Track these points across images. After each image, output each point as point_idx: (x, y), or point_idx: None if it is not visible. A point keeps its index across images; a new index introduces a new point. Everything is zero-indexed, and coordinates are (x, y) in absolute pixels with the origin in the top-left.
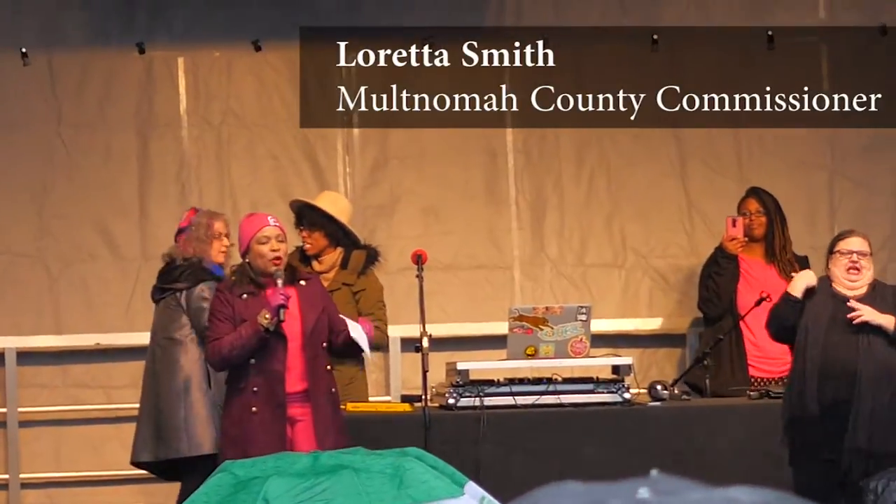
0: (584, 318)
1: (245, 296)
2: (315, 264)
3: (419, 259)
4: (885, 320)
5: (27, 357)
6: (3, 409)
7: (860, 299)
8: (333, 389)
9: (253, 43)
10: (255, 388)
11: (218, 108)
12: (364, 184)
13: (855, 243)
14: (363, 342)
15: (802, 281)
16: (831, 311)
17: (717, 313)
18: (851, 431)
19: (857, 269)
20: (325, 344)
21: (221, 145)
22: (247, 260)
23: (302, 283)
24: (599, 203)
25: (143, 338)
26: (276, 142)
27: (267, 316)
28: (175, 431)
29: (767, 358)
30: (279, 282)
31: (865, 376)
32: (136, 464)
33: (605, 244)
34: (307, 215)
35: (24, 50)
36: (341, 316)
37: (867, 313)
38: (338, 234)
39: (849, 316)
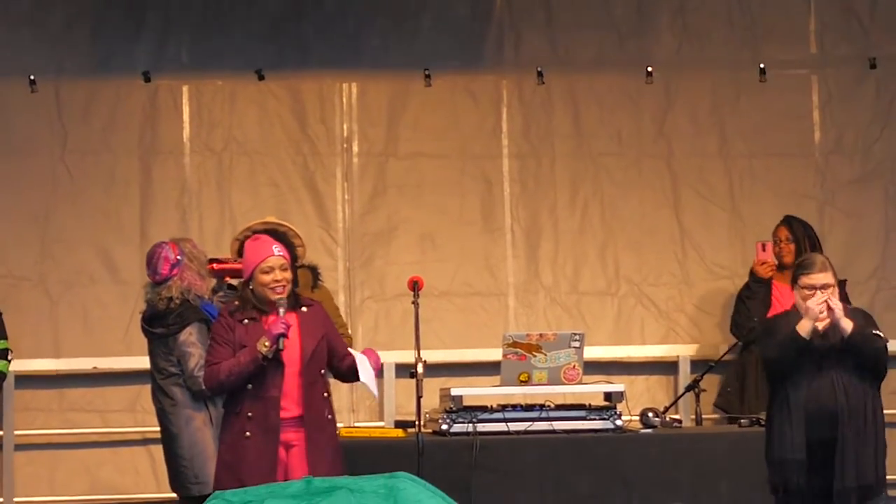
0: (577, 345)
1: (246, 321)
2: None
3: (415, 285)
4: (846, 323)
5: (25, 380)
6: (0, 433)
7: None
8: (330, 416)
9: (256, 72)
10: (249, 414)
11: (220, 135)
12: (362, 211)
13: (818, 279)
14: (371, 383)
15: (809, 320)
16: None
17: (747, 338)
18: (839, 472)
19: (829, 307)
20: (322, 371)
21: (223, 172)
22: (250, 287)
23: (304, 309)
24: (593, 232)
25: (140, 362)
26: (276, 169)
27: (266, 344)
28: (182, 472)
29: None
30: (281, 310)
31: (847, 416)
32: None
33: (598, 272)
34: (278, 237)
35: (31, 77)
36: (351, 350)
37: (836, 310)
38: (292, 254)
39: (817, 305)
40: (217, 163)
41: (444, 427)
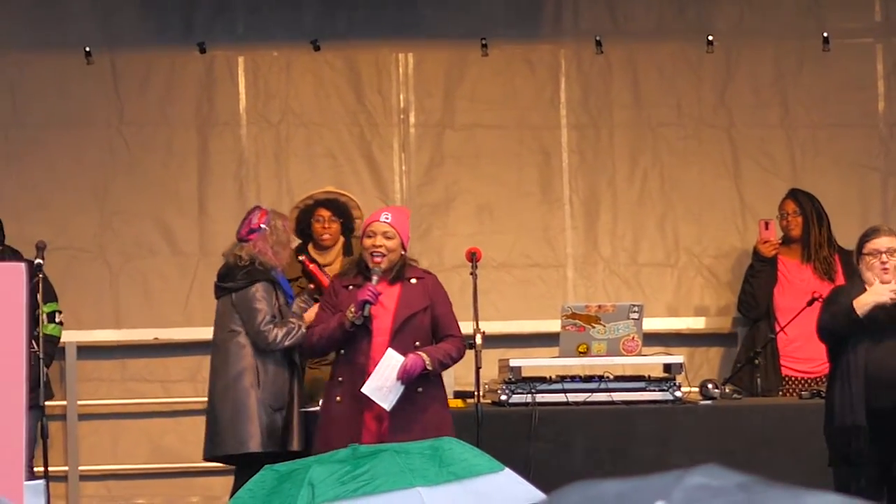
0: (636, 316)
1: (351, 287)
2: (317, 256)
3: (473, 257)
4: None
5: (87, 351)
6: (63, 403)
7: None
8: (420, 389)
9: (312, 42)
10: (340, 378)
11: (277, 106)
12: (419, 182)
13: (883, 242)
14: (375, 393)
15: (872, 298)
16: (871, 321)
17: (754, 315)
18: None
19: (886, 269)
20: (417, 343)
21: (280, 143)
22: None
23: (412, 280)
24: (652, 202)
25: (200, 332)
26: (333, 140)
27: (352, 309)
28: (221, 428)
29: (802, 359)
30: (374, 278)
31: None
32: (208, 460)
33: (657, 243)
34: (336, 206)
35: (87, 49)
36: (390, 352)
37: None
38: (349, 225)
39: (889, 292)
40: (274, 134)
41: (503, 398)
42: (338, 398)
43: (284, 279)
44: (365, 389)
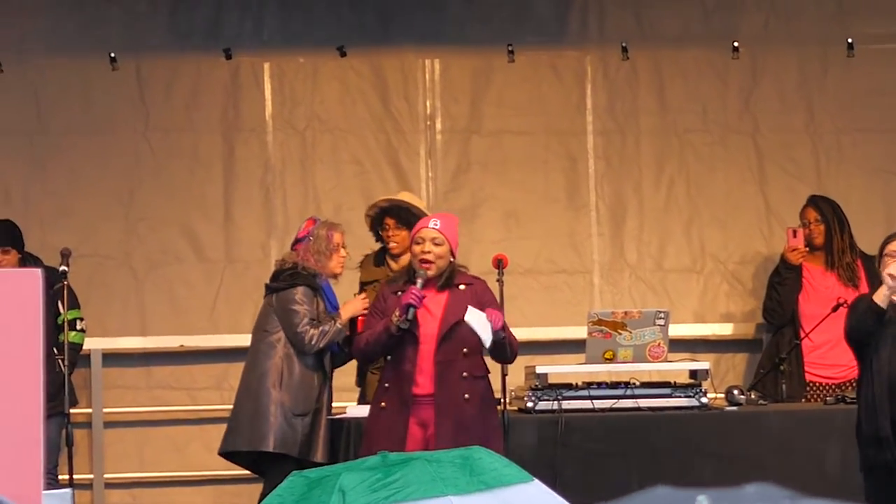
0: (662, 322)
1: (399, 293)
2: (392, 264)
3: (500, 263)
4: None
5: (112, 358)
6: (89, 410)
7: None
8: (467, 396)
9: (338, 48)
10: (386, 384)
11: (303, 113)
12: (446, 188)
13: None
14: (479, 326)
15: (886, 286)
16: (894, 329)
17: (779, 322)
18: None
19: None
20: (465, 350)
21: (306, 150)
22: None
23: (461, 287)
24: (678, 208)
25: (226, 340)
26: (359, 146)
27: (397, 314)
28: (238, 423)
29: (826, 365)
30: (419, 282)
31: None
32: (222, 455)
33: (683, 249)
34: (399, 214)
35: (112, 55)
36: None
37: None
38: None
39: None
40: (300, 140)
41: (530, 404)
42: (382, 404)
43: (329, 288)
44: (467, 316)
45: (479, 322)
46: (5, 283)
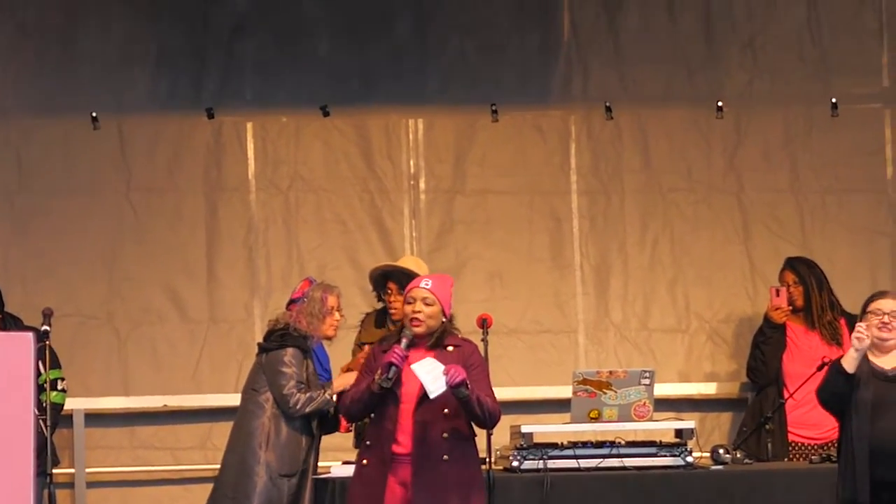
0: (647, 382)
1: (386, 352)
2: (392, 327)
3: (484, 323)
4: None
5: (95, 418)
6: (72, 470)
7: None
8: (447, 457)
9: (321, 108)
10: (367, 442)
11: (286, 172)
12: (430, 248)
13: (887, 304)
14: (426, 378)
15: (852, 348)
16: (873, 393)
17: (763, 382)
18: None
19: (889, 328)
20: (446, 411)
21: (289, 209)
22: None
23: (449, 348)
24: (663, 268)
25: (210, 399)
26: (343, 206)
27: (380, 373)
28: (222, 483)
29: (809, 425)
30: (404, 341)
31: None
32: None
33: (668, 309)
34: (401, 280)
35: (94, 114)
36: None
37: (865, 341)
38: None
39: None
40: (283, 200)
41: (515, 464)
42: (364, 461)
43: (322, 349)
44: (414, 366)
45: (427, 372)
46: None
